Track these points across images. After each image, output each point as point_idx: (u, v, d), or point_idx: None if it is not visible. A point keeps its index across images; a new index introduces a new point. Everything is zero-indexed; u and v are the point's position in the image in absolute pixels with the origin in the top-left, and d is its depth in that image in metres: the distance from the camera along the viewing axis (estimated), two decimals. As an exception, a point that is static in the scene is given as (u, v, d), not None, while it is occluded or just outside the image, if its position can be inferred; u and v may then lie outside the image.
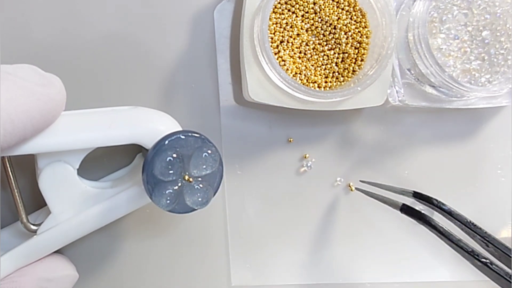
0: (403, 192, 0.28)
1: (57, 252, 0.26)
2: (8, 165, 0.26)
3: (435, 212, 0.27)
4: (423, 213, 0.26)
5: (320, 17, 0.29)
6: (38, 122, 0.21)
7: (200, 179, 0.24)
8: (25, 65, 0.22)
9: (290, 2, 0.29)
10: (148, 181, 0.23)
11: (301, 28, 0.29)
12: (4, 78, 0.20)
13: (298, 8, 0.29)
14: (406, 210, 0.27)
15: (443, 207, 0.27)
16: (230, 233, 0.31)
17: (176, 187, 0.24)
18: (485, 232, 0.26)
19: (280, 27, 0.28)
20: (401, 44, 0.30)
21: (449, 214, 0.27)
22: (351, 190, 0.32)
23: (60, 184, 0.25)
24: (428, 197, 0.27)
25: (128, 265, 0.30)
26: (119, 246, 0.30)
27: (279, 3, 0.28)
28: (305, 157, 0.32)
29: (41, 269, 0.25)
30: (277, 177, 0.32)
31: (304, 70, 0.29)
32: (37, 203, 0.28)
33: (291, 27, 0.29)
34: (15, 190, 0.26)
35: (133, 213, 0.27)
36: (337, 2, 0.29)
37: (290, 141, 0.31)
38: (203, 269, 0.31)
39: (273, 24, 0.28)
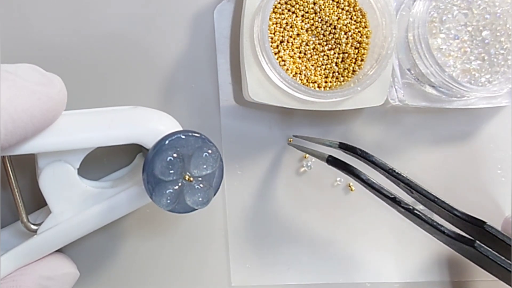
0: (330, 144, 0.28)
1: (58, 251, 0.26)
2: (8, 165, 0.26)
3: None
4: (347, 163, 0.27)
5: (320, 17, 0.29)
6: (38, 122, 0.21)
7: (200, 179, 0.24)
8: (26, 64, 0.22)
9: (290, 2, 0.29)
10: (148, 181, 0.23)
11: (301, 28, 0.29)
12: (5, 77, 0.20)
13: (298, 8, 0.29)
14: (332, 161, 0.27)
15: (368, 157, 0.27)
16: (230, 233, 0.31)
17: (177, 187, 0.24)
18: (408, 179, 0.27)
19: (280, 27, 0.28)
20: (401, 44, 0.30)
21: (373, 163, 0.27)
22: (351, 190, 0.32)
23: (61, 184, 0.25)
24: (353, 147, 0.27)
25: (128, 264, 0.30)
26: (119, 245, 0.30)
27: (279, 3, 0.28)
28: (305, 157, 0.32)
29: (41, 267, 0.25)
30: (277, 177, 0.32)
31: (304, 70, 0.29)
32: (37, 202, 0.28)
33: (291, 27, 0.29)
34: (15, 190, 0.26)
35: (133, 213, 0.27)
36: (337, 2, 0.29)
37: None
38: (203, 269, 0.31)
39: (273, 24, 0.28)
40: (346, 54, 0.29)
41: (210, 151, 0.24)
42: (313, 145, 0.30)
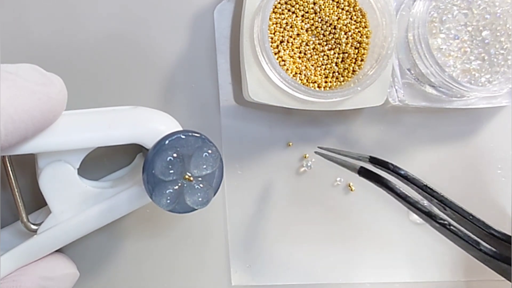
0: (360, 157, 0.28)
1: (58, 251, 0.26)
2: (8, 165, 0.26)
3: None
4: (381, 176, 0.26)
5: (320, 17, 0.29)
6: (39, 122, 0.21)
7: (200, 179, 0.24)
8: (26, 64, 0.22)
9: (290, 2, 0.29)
10: (148, 181, 0.23)
11: (301, 28, 0.29)
12: (5, 77, 0.20)
13: (298, 8, 0.29)
14: (364, 173, 0.27)
15: (399, 171, 0.26)
16: (230, 233, 0.31)
17: (177, 187, 0.24)
18: (442, 196, 0.26)
19: (280, 27, 0.28)
20: (401, 44, 0.30)
21: (405, 178, 0.26)
22: (351, 190, 0.32)
23: (61, 184, 0.25)
24: (384, 161, 0.27)
25: (128, 264, 0.30)
26: (119, 245, 0.30)
27: (279, 3, 0.28)
28: (305, 157, 0.32)
29: (41, 267, 0.25)
30: (277, 177, 0.32)
31: (304, 70, 0.29)
32: (37, 202, 0.28)
33: (291, 27, 0.29)
34: (16, 190, 0.26)
35: (133, 213, 0.27)
36: (337, 2, 0.29)
37: (289, 145, 0.31)
38: (203, 269, 0.31)
39: (273, 24, 0.28)
40: (346, 54, 0.29)
41: (210, 151, 0.24)
42: (342, 157, 0.29)
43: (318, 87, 0.29)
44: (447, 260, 0.33)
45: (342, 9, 0.29)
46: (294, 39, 0.29)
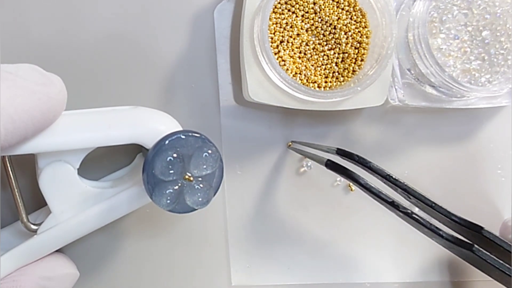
0: (328, 150, 0.28)
1: (58, 251, 0.26)
2: (8, 165, 0.26)
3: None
4: (346, 168, 0.27)
5: (320, 17, 0.29)
6: (38, 122, 0.21)
7: (200, 179, 0.24)
8: (26, 64, 0.22)
9: (290, 2, 0.29)
10: (148, 181, 0.23)
11: (301, 28, 0.29)
12: (5, 77, 0.20)
13: (298, 8, 0.29)
14: (331, 165, 0.27)
15: (364, 162, 0.27)
16: (230, 233, 0.31)
17: (177, 187, 0.24)
18: (406, 185, 0.27)
19: (280, 27, 0.28)
20: (401, 44, 0.30)
21: (370, 168, 0.27)
22: (351, 190, 0.32)
23: (61, 184, 0.25)
24: (350, 153, 0.27)
25: (128, 264, 0.30)
26: (119, 245, 0.30)
27: (279, 3, 0.28)
28: (305, 157, 0.32)
29: (41, 268, 0.25)
30: (277, 177, 0.32)
31: (304, 70, 0.29)
32: (37, 202, 0.28)
33: (291, 27, 0.29)
34: (15, 190, 0.26)
35: (133, 213, 0.27)
36: (337, 2, 0.29)
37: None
38: (203, 269, 0.31)
39: (273, 24, 0.28)
40: (346, 54, 0.29)
41: (210, 151, 0.24)
42: (312, 150, 0.30)
43: (318, 87, 0.29)
44: (447, 260, 0.33)
45: (342, 9, 0.29)
46: (294, 39, 0.29)
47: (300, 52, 0.29)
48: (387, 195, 0.26)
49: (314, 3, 0.29)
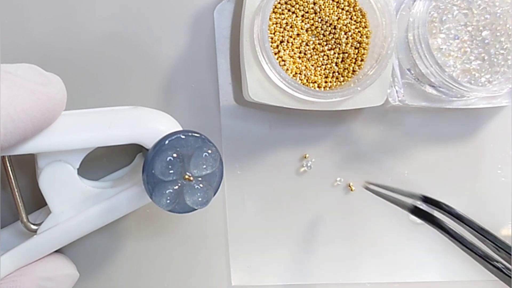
0: (411, 196, 0.27)
1: (58, 251, 0.26)
2: (8, 165, 0.26)
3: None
4: (434, 216, 0.26)
5: (320, 17, 0.29)
6: (38, 121, 0.21)
7: (200, 179, 0.24)
8: (26, 64, 0.22)
9: (290, 2, 0.29)
10: (148, 181, 0.23)
11: (301, 28, 0.29)
12: (4, 77, 0.20)
13: (298, 8, 0.29)
14: (417, 211, 0.26)
15: (453, 211, 0.26)
16: (230, 233, 0.31)
17: (176, 187, 0.24)
18: (496, 238, 0.25)
19: (280, 27, 0.28)
20: (401, 44, 0.30)
21: (459, 219, 0.25)
22: (351, 190, 0.32)
23: (60, 184, 0.25)
24: (437, 201, 0.26)
25: (128, 265, 0.30)
26: (119, 246, 0.30)
27: (279, 3, 0.28)
28: (305, 157, 0.32)
29: (41, 268, 0.25)
30: (277, 177, 0.32)
31: (304, 70, 0.29)
32: (37, 203, 0.28)
33: (291, 27, 0.29)
34: (15, 190, 0.26)
35: (133, 213, 0.27)
36: (337, 2, 0.29)
37: (289, 145, 0.31)
38: (203, 269, 0.31)
39: (273, 24, 0.28)
40: (346, 54, 0.29)
41: (210, 151, 0.24)
42: (394, 194, 0.28)
43: (318, 87, 0.29)
44: (446, 260, 0.33)
45: (342, 9, 0.29)
46: (294, 39, 0.29)
47: (300, 52, 0.29)
48: (478, 248, 0.25)
49: (314, 3, 0.29)
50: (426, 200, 0.26)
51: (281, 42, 0.29)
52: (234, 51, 0.31)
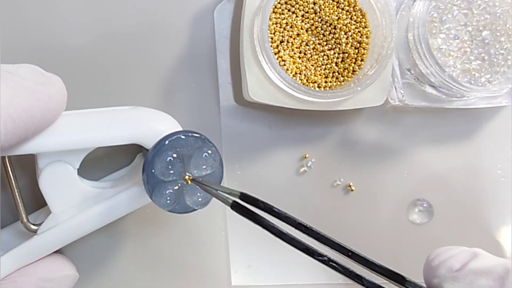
0: (230, 192, 0.25)
1: (57, 252, 0.26)
2: (8, 165, 0.26)
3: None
4: (254, 212, 0.24)
5: (320, 17, 0.29)
6: (39, 121, 0.21)
7: (200, 179, 0.24)
8: (26, 64, 0.22)
9: (290, 2, 0.29)
10: (148, 181, 0.23)
11: (301, 28, 0.29)
12: (5, 77, 0.20)
13: (298, 8, 0.29)
14: (237, 207, 0.25)
15: (270, 210, 0.24)
16: (230, 233, 0.31)
17: (176, 187, 0.24)
18: (318, 233, 0.25)
19: (280, 27, 0.28)
20: (401, 44, 0.30)
21: (277, 217, 0.25)
22: (351, 190, 0.32)
23: (60, 184, 0.25)
24: (255, 199, 0.24)
25: (128, 265, 0.30)
26: (119, 246, 0.30)
27: (279, 3, 0.28)
28: (305, 157, 0.32)
29: (41, 269, 0.25)
30: (277, 177, 0.32)
31: (304, 70, 0.29)
32: (37, 203, 0.28)
33: (291, 27, 0.29)
34: (15, 190, 0.26)
35: (133, 213, 0.27)
36: (337, 2, 0.29)
37: (289, 145, 0.31)
38: (203, 269, 0.31)
39: (273, 24, 0.28)
40: (346, 54, 0.29)
41: (210, 151, 0.24)
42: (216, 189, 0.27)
43: (318, 87, 0.29)
44: (447, 260, 0.33)
45: (342, 9, 0.29)
46: (294, 39, 0.29)
47: (300, 52, 0.29)
48: (300, 242, 0.24)
49: (314, 3, 0.29)
50: (243, 198, 0.25)
51: (281, 42, 0.29)
52: (234, 51, 0.31)
